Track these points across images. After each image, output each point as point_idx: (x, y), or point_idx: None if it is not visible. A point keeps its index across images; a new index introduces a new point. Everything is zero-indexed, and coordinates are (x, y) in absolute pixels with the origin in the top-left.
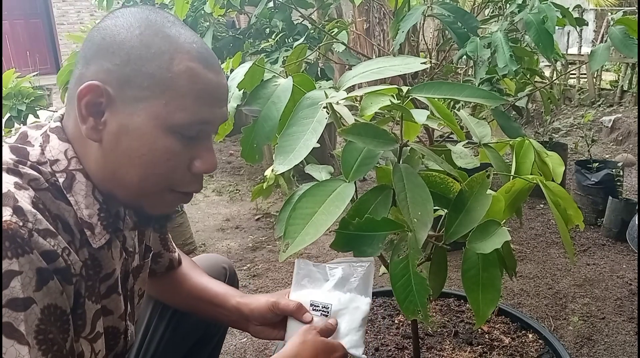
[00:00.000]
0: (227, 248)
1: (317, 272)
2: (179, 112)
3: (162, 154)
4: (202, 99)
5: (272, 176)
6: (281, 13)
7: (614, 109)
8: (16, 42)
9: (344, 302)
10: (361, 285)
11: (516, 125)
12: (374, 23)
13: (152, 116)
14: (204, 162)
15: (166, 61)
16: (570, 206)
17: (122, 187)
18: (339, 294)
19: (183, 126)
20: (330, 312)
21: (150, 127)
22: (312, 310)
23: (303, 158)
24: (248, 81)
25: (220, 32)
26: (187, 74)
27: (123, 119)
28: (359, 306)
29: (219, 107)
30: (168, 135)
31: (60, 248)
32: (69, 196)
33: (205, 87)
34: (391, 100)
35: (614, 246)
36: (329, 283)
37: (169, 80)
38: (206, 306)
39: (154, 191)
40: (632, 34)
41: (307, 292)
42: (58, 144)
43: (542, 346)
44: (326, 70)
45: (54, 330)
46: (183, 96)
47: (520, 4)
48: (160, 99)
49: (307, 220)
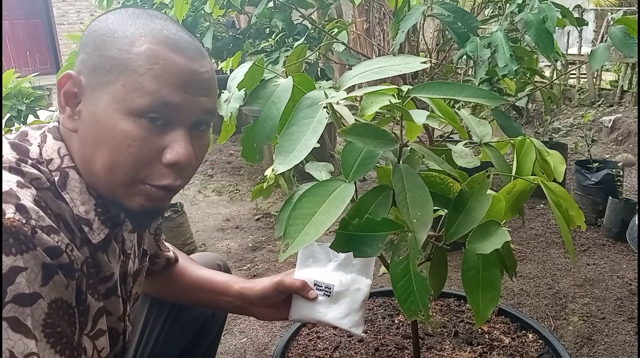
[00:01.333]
0: (227, 248)
1: (322, 253)
2: (136, 92)
3: (123, 139)
4: (163, 80)
5: (272, 176)
6: (281, 13)
7: (614, 109)
8: (16, 42)
9: (345, 283)
10: (363, 267)
11: (516, 125)
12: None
13: (113, 99)
14: (172, 151)
15: (127, 43)
16: (571, 206)
17: (97, 177)
18: (341, 275)
19: (142, 108)
20: (333, 292)
21: (110, 111)
22: (316, 289)
23: (303, 158)
24: (248, 81)
25: (220, 32)
26: (146, 54)
27: (91, 105)
28: (359, 288)
29: (188, 92)
30: (129, 119)
31: (63, 244)
32: (64, 194)
33: (166, 67)
34: (391, 100)
35: (614, 246)
36: (332, 264)
37: (127, 61)
38: (208, 296)
39: (124, 181)
40: (632, 33)
41: (312, 271)
42: (52, 143)
43: (542, 346)
44: (326, 70)
45: (63, 324)
46: (140, 75)
47: (520, 4)
48: (119, 81)
49: (307, 220)
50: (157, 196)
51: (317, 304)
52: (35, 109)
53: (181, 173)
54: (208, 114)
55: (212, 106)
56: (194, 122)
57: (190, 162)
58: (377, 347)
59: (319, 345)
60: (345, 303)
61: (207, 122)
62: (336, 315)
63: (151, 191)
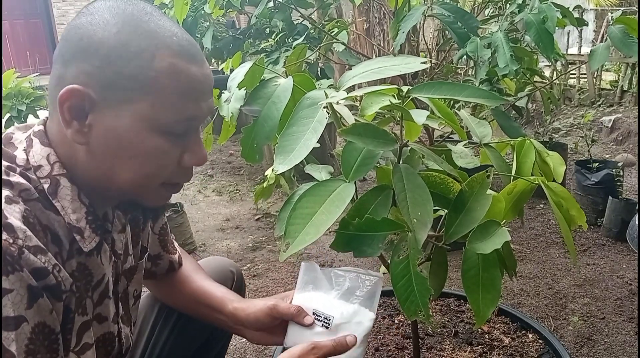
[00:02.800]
0: (227, 248)
1: (324, 279)
2: (166, 112)
3: (153, 154)
4: (188, 96)
5: (273, 176)
6: (281, 13)
7: (614, 109)
8: (16, 42)
9: (346, 316)
10: (367, 298)
11: (516, 125)
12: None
13: (139, 117)
14: (193, 156)
15: (147, 59)
16: (572, 206)
17: (116, 186)
18: (343, 305)
19: (171, 125)
20: (332, 325)
21: (138, 129)
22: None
23: (303, 158)
24: (248, 81)
25: (220, 32)
26: (170, 71)
27: (109, 121)
28: (361, 322)
29: (204, 101)
30: (157, 135)
31: (50, 265)
32: (55, 202)
33: (190, 83)
34: (391, 100)
35: (614, 246)
36: (334, 293)
37: (152, 80)
38: (206, 311)
39: (147, 186)
40: (631, 33)
41: (311, 298)
42: (40, 149)
43: (542, 346)
44: (326, 70)
45: (42, 350)
46: (168, 95)
47: (521, 4)
48: (145, 100)
49: (308, 220)
50: (172, 192)
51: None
52: (35, 109)
53: (192, 171)
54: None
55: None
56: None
57: (205, 161)
58: (377, 347)
59: None
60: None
61: None
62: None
63: (169, 190)
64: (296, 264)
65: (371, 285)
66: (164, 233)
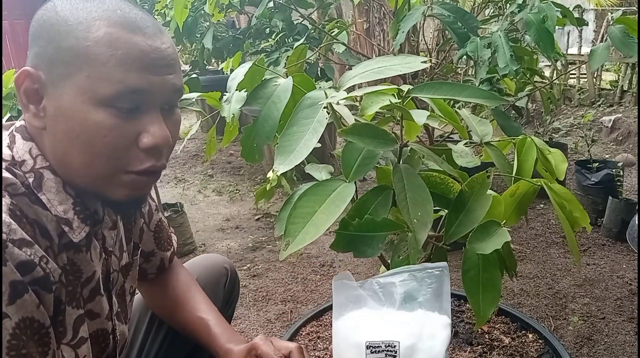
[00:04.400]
0: (227, 248)
1: (366, 295)
2: (103, 83)
3: (97, 131)
4: (128, 66)
5: (275, 177)
6: (281, 13)
7: (614, 109)
8: (16, 42)
9: (416, 333)
10: (433, 300)
11: (516, 125)
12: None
13: (78, 91)
14: (148, 135)
15: (83, 30)
16: (576, 208)
17: (76, 173)
18: (405, 321)
19: (111, 98)
20: (399, 352)
21: (78, 105)
22: (370, 352)
23: (304, 158)
24: (248, 81)
25: (220, 32)
26: (106, 40)
27: (56, 101)
28: (435, 334)
29: (155, 74)
30: (98, 110)
31: (37, 257)
32: (41, 195)
33: (128, 51)
34: (391, 100)
35: (614, 246)
36: (386, 308)
37: (86, 49)
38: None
39: (105, 173)
40: (631, 33)
41: (357, 325)
42: (22, 143)
43: (542, 346)
44: (326, 70)
45: (31, 344)
46: (104, 64)
47: (521, 3)
48: (82, 71)
49: (308, 219)
50: (141, 183)
51: None
52: None
53: (160, 155)
54: (177, 93)
55: (180, 84)
56: (165, 103)
57: (169, 144)
58: None
59: (319, 345)
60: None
61: (176, 102)
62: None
63: (135, 179)
64: (296, 264)
65: (434, 280)
66: (159, 230)
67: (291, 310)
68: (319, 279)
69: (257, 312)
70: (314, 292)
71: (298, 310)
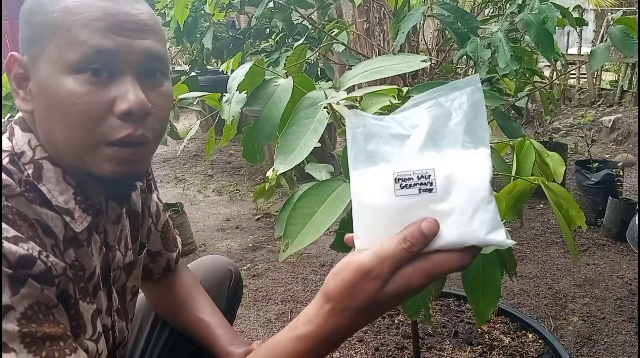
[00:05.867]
0: (227, 248)
1: (387, 126)
2: (68, 48)
3: (68, 99)
4: (91, 27)
5: (274, 176)
6: (281, 13)
7: (614, 109)
8: (16, 42)
9: (452, 161)
10: (469, 123)
11: (516, 125)
12: (374, 23)
13: (50, 63)
14: (122, 100)
15: (52, 4)
16: (572, 206)
17: (62, 151)
18: (437, 148)
19: (77, 62)
20: (436, 183)
21: (51, 76)
22: (399, 187)
23: (304, 158)
24: (248, 81)
25: (220, 32)
26: (70, 7)
27: (37, 79)
28: (474, 164)
29: (121, 36)
30: (69, 77)
31: (35, 251)
32: (41, 186)
33: (92, 14)
34: (391, 100)
35: (614, 246)
36: (416, 139)
37: (53, 20)
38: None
39: (85, 144)
40: (631, 33)
41: (382, 159)
42: (21, 135)
43: (542, 346)
44: (326, 70)
45: (46, 326)
46: (68, 30)
47: (521, 4)
48: (51, 42)
49: (307, 220)
50: (123, 155)
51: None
52: None
53: (140, 123)
54: (156, 60)
55: (158, 50)
56: (141, 70)
57: (145, 109)
58: (377, 347)
59: None
60: (463, 194)
61: (159, 70)
62: (458, 222)
63: (117, 152)
64: (296, 264)
65: (465, 97)
66: (166, 230)
67: (291, 310)
68: (319, 279)
69: (257, 312)
70: (314, 292)
71: (298, 310)
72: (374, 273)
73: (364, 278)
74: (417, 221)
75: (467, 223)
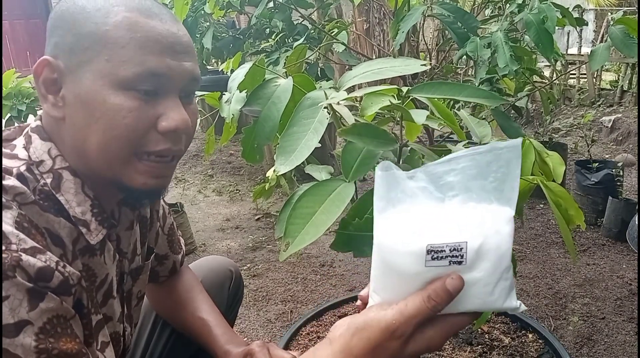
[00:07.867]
0: (227, 248)
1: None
2: (122, 65)
3: (117, 113)
4: (147, 49)
5: (274, 176)
6: (281, 13)
7: (614, 109)
8: (16, 42)
9: (481, 230)
10: (497, 188)
11: (516, 125)
12: (374, 23)
13: (98, 76)
14: (167, 118)
15: (102, 16)
16: (571, 206)
17: (94, 160)
18: (466, 213)
19: (131, 80)
20: (467, 255)
21: (98, 88)
22: (430, 259)
23: (305, 158)
24: (249, 81)
25: (220, 32)
26: (125, 24)
27: (75, 88)
28: (499, 229)
29: (172, 59)
30: (118, 92)
31: (53, 262)
32: (59, 196)
33: (147, 35)
34: (391, 100)
35: (614, 246)
36: (450, 203)
37: (106, 34)
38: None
39: (121, 157)
40: (632, 33)
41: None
42: (40, 144)
43: (542, 346)
44: (326, 70)
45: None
46: (123, 47)
47: (520, 4)
48: (101, 55)
49: (307, 220)
50: (157, 170)
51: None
52: (36, 109)
53: (178, 141)
54: (194, 81)
55: (197, 72)
56: (182, 90)
57: (187, 128)
58: None
59: None
60: (489, 265)
61: (194, 90)
62: (482, 292)
63: (151, 167)
64: (296, 264)
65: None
66: (172, 233)
67: (291, 310)
68: (319, 279)
69: (257, 312)
70: (314, 292)
71: (298, 310)
72: (399, 332)
73: (390, 338)
74: (442, 278)
75: (490, 294)
